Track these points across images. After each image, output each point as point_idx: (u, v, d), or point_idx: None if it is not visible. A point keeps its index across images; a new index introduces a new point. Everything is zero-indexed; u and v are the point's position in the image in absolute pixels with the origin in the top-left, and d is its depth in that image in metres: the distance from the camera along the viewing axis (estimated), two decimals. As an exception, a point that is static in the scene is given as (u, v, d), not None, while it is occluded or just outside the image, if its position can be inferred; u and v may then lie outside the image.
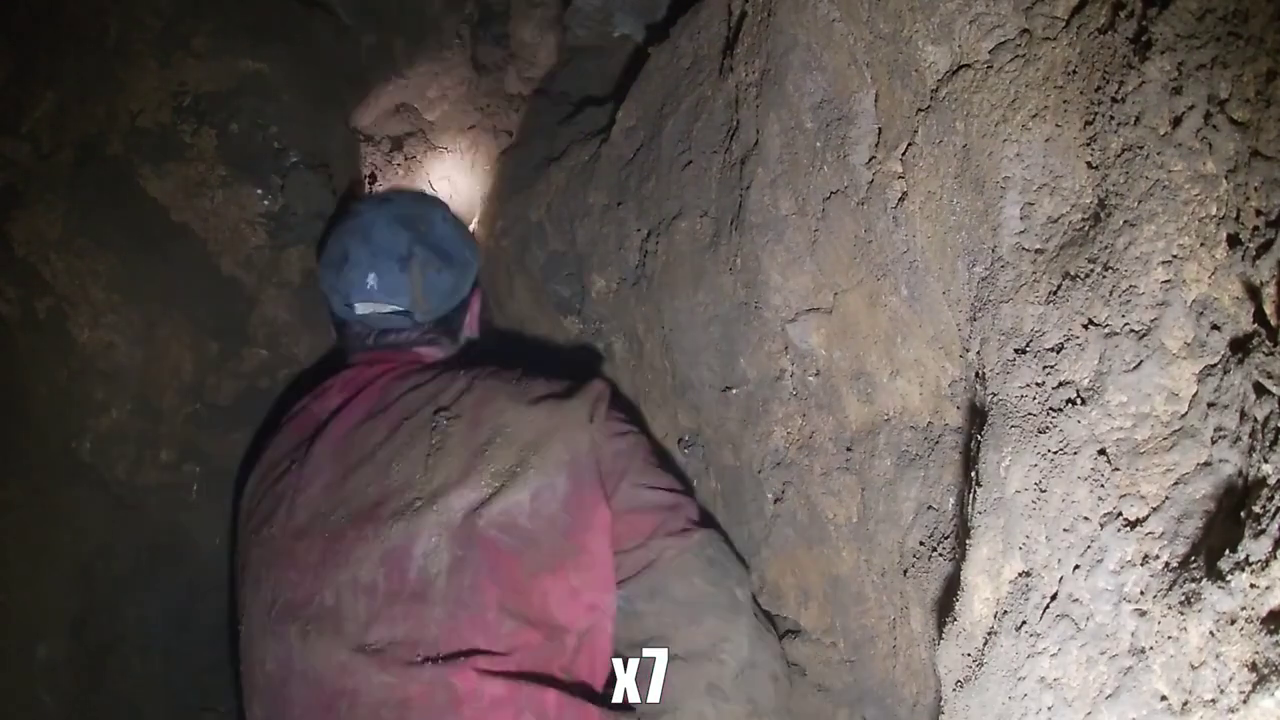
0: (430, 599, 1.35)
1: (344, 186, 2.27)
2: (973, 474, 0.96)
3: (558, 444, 1.45)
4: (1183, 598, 0.69)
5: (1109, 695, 0.73)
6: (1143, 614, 0.73)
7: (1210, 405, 0.74)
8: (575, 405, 1.49)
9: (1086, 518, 0.80)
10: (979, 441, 0.95)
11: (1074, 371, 0.85)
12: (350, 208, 1.83)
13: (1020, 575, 0.86)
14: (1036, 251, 0.93)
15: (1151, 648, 0.71)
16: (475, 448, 1.44)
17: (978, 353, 1.01)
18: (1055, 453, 0.84)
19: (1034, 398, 0.89)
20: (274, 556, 1.48)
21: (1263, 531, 0.65)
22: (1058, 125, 0.91)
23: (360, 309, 1.69)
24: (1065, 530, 0.82)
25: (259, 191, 2.09)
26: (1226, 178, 0.76)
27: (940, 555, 1.16)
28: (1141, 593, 0.73)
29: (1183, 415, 0.76)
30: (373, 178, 2.57)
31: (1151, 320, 0.79)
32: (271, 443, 1.66)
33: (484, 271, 2.22)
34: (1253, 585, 0.64)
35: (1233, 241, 0.75)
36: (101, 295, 1.94)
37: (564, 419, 1.47)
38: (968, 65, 1.02)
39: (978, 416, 1.01)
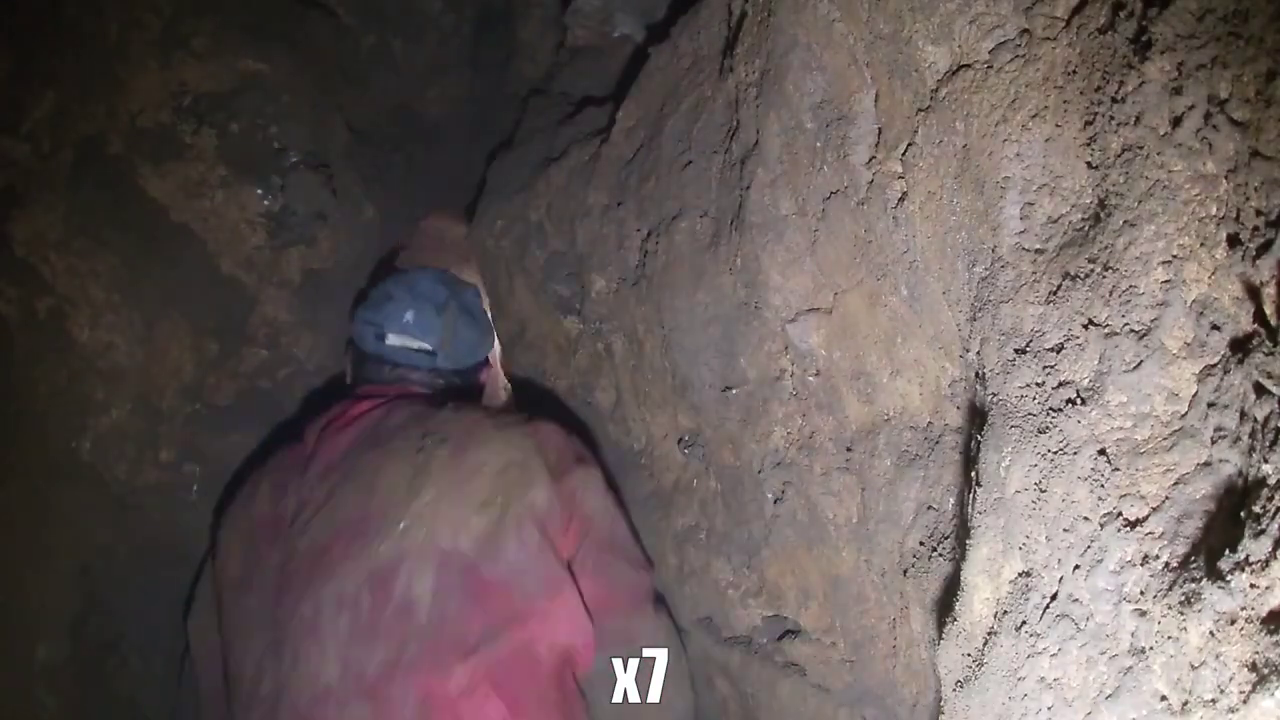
0: (415, 618, 1.40)
1: (344, 186, 2.27)
2: (973, 474, 0.96)
3: (531, 490, 1.54)
4: (1183, 598, 0.69)
5: (1109, 695, 0.73)
6: (1143, 614, 0.73)
7: (1210, 405, 0.74)
8: (534, 458, 1.58)
9: (1086, 518, 0.80)
10: (979, 441, 0.95)
11: (1074, 371, 0.85)
12: (398, 270, 2.02)
13: (1020, 575, 0.86)
14: (1036, 251, 0.94)
15: (1151, 648, 0.71)
16: (461, 474, 1.51)
17: (978, 353, 1.01)
18: (1055, 453, 0.84)
19: (1034, 398, 0.89)
20: (281, 576, 1.52)
21: (1263, 531, 0.65)
22: (1058, 125, 0.91)
23: (392, 339, 1.82)
24: (1065, 530, 0.82)
25: (259, 191, 2.09)
26: (1226, 178, 0.76)
27: (940, 555, 1.16)
28: (1141, 593, 0.73)
29: (1183, 415, 0.76)
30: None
31: (1151, 320, 0.79)
32: (273, 462, 1.72)
33: (484, 272, 2.22)
34: (1253, 585, 0.64)
35: (1233, 241, 0.75)
36: (101, 295, 1.94)
37: (532, 470, 1.57)
38: (968, 65, 1.02)
39: (978, 416, 1.01)
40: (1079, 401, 0.84)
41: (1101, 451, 0.80)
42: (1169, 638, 0.70)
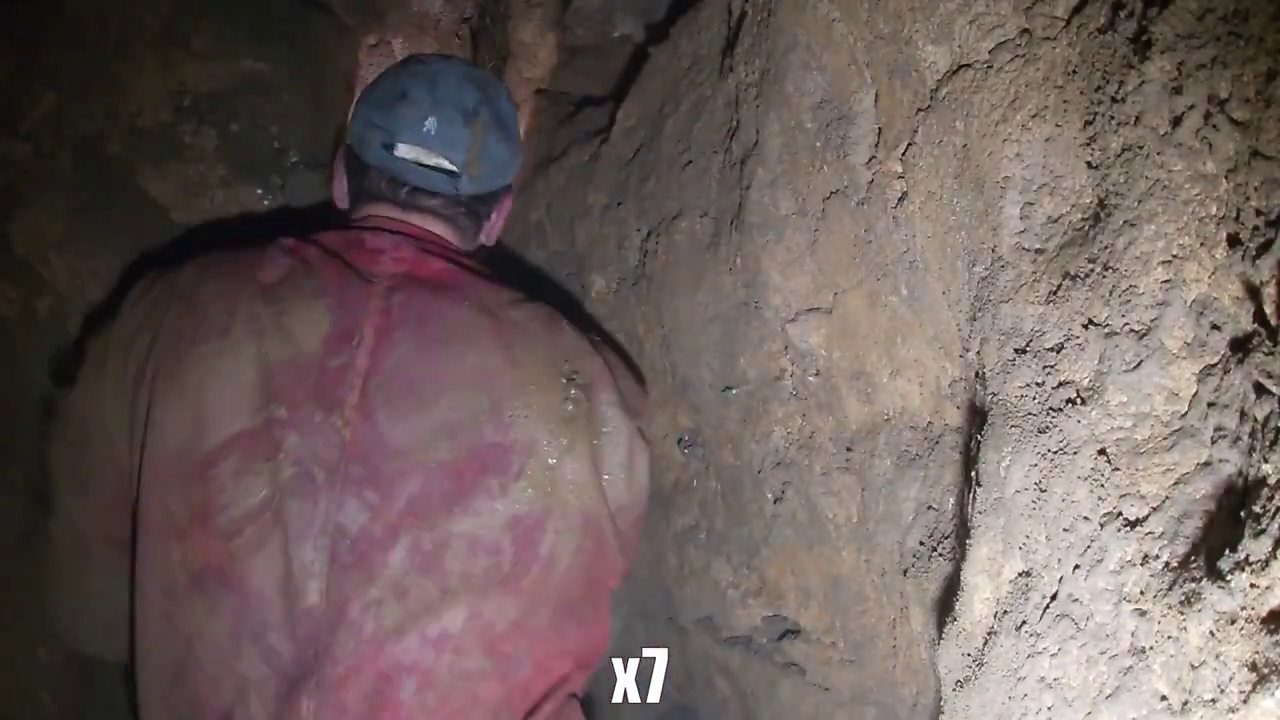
0: (548, 586, 1.22)
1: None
2: (973, 474, 0.96)
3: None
4: (1183, 598, 0.69)
5: (1109, 695, 0.73)
6: (1143, 614, 0.73)
7: (1210, 405, 0.74)
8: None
9: (1086, 517, 0.80)
10: (979, 441, 0.95)
11: (1074, 371, 0.85)
12: (412, 57, 1.55)
13: (1020, 575, 0.86)
14: (1036, 251, 0.94)
15: (1151, 648, 0.71)
16: (602, 428, 1.30)
17: (978, 353, 1.01)
18: (1055, 452, 0.84)
19: (1034, 397, 0.89)
20: (341, 464, 1.18)
21: (1263, 531, 0.65)
22: (1058, 125, 0.91)
23: (403, 151, 1.39)
24: (1065, 530, 0.82)
25: (259, 191, 2.09)
26: (1226, 177, 0.76)
27: (940, 555, 1.16)
28: (1141, 593, 0.73)
29: (1183, 415, 0.76)
30: None
31: (1151, 320, 0.79)
32: (247, 273, 1.28)
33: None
34: (1253, 585, 0.64)
35: (1233, 241, 0.75)
36: (102, 295, 1.94)
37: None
38: (968, 65, 1.02)
39: (978, 416, 1.01)
40: (1079, 401, 0.84)
41: (1101, 451, 0.80)
42: (1169, 638, 0.70)
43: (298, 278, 1.27)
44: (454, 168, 1.40)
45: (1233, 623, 0.64)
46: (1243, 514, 0.68)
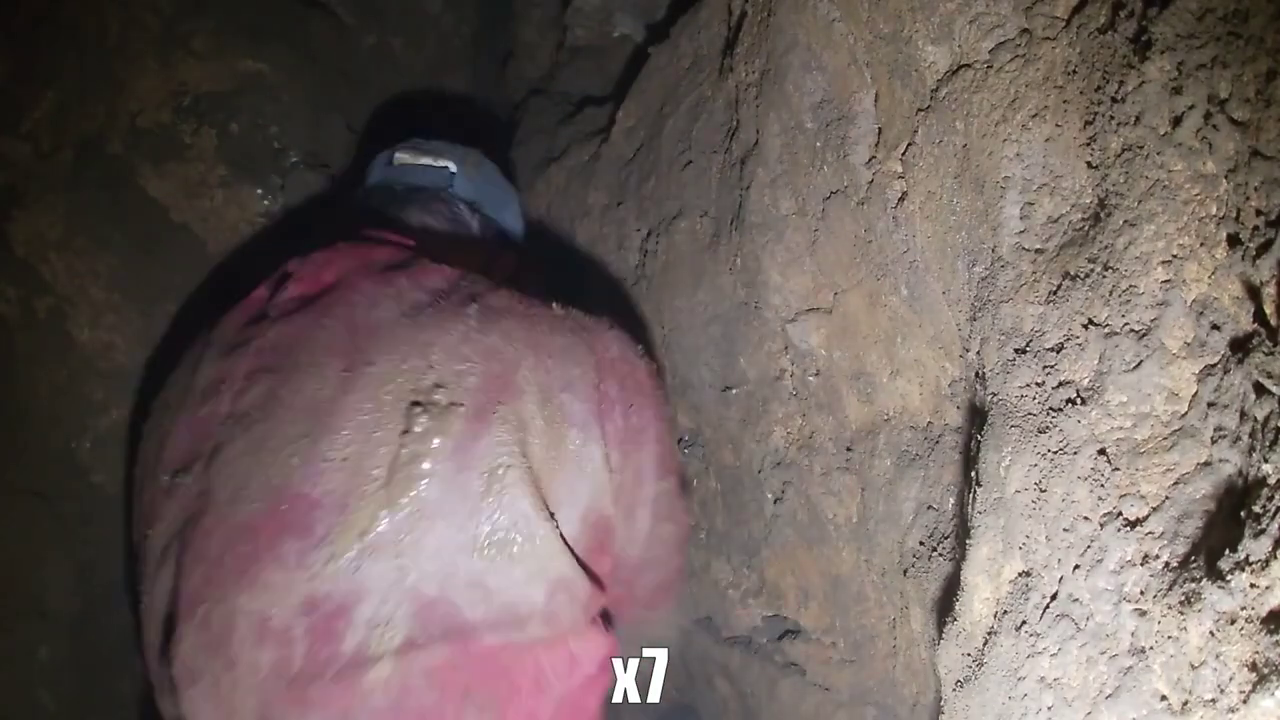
0: (366, 690, 0.91)
1: (344, 186, 2.27)
2: (973, 474, 0.96)
3: (573, 472, 1.05)
4: (1183, 598, 0.69)
5: (1109, 695, 0.73)
6: (1143, 614, 0.73)
7: (1210, 405, 0.74)
8: (593, 440, 1.09)
9: (1086, 518, 0.80)
10: (979, 441, 0.95)
11: (1074, 371, 0.85)
12: None
13: (1020, 575, 0.86)
14: (1036, 251, 0.93)
15: (1151, 648, 0.71)
16: (478, 473, 0.96)
17: (978, 353, 1.01)
18: (1055, 453, 0.84)
19: (1034, 398, 0.89)
20: (182, 545, 1.00)
21: (1263, 531, 0.65)
22: (1058, 125, 0.91)
23: (401, 157, 1.49)
24: (1065, 530, 0.82)
25: (259, 191, 2.10)
26: (1226, 177, 0.76)
27: (940, 555, 1.16)
28: (1141, 593, 0.73)
29: (1183, 415, 0.76)
30: None
31: (1151, 320, 0.79)
32: (209, 336, 1.17)
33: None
34: (1253, 585, 0.64)
35: (1233, 241, 0.75)
36: (101, 295, 1.94)
37: (587, 472, 1.07)
38: (968, 65, 1.02)
39: (978, 416, 1.01)
40: (1079, 401, 0.84)
41: (1101, 451, 0.80)
42: (1169, 638, 0.69)
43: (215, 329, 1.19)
44: (450, 165, 1.48)
45: (1233, 623, 0.64)
46: (1243, 514, 0.68)
